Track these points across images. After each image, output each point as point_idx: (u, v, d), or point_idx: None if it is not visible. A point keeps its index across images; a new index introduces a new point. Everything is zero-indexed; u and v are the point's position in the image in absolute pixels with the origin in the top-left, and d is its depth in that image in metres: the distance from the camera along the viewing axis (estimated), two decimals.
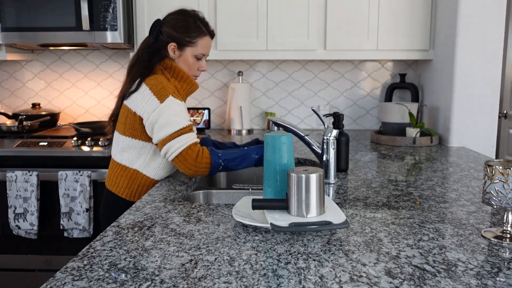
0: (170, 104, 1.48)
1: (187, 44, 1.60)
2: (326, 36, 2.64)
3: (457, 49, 2.33)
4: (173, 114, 1.47)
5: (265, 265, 0.87)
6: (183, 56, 1.61)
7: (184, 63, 1.62)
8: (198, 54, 1.62)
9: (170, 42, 1.59)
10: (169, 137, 1.47)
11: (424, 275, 0.83)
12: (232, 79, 3.05)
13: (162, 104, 1.47)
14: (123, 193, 1.60)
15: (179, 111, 1.50)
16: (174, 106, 1.49)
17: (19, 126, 2.66)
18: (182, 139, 1.47)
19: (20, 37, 2.57)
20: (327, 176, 1.58)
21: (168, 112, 1.47)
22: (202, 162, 1.47)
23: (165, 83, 1.52)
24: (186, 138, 1.48)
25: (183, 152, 1.46)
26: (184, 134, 1.48)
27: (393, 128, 2.55)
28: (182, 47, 1.60)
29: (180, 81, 1.61)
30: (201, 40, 1.61)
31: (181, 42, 1.59)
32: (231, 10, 2.64)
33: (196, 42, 1.61)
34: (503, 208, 1.00)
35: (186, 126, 1.49)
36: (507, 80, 3.56)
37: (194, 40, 1.60)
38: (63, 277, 0.83)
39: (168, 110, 1.47)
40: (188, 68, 1.63)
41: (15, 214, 2.35)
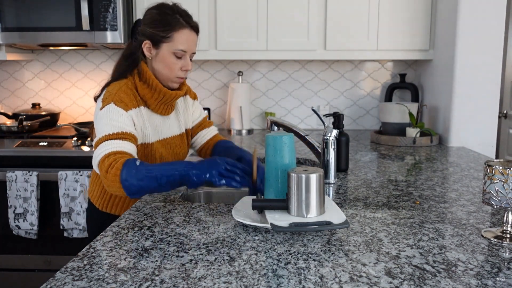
0: (107, 111, 1.31)
1: (162, 39, 1.37)
2: (326, 36, 2.64)
3: (457, 49, 2.33)
4: (105, 122, 1.29)
5: (265, 265, 0.87)
6: (160, 54, 1.39)
7: (162, 63, 1.39)
8: (176, 50, 1.37)
9: (144, 40, 1.39)
10: (96, 143, 1.29)
11: (424, 275, 0.83)
12: (232, 79, 3.05)
13: (101, 111, 1.32)
14: (96, 202, 1.50)
15: (114, 119, 1.30)
16: (111, 114, 1.30)
17: (19, 126, 2.66)
18: (105, 145, 1.26)
19: (20, 37, 2.57)
20: (327, 176, 1.58)
21: (103, 119, 1.30)
22: (111, 174, 1.19)
23: (118, 89, 1.35)
24: (110, 144, 1.25)
25: (100, 161, 1.24)
26: (110, 140, 1.26)
27: (393, 128, 2.55)
28: (157, 44, 1.38)
29: (151, 89, 1.41)
30: (178, 33, 1.37)
31: (155, 39, 1.37)
32: (231, 10, 2.64)
33: (172, 37, 1.37)
34: (503, 208, 1.00)
35: (115, 133, 1.27)
36: (507, 80, 3.56)
37: (169, 34, 1.36)
38: (63, 277, 0.83)
39: (104, 117, 1.30)
40: (168, 69, 1.40)
41: (15, 214, 2.35)
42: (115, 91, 1.35)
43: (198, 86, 3.07)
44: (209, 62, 3.04)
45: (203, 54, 2.67)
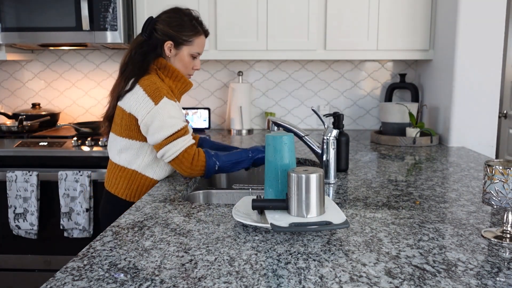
0: (164, 106, 1.47)
1: (184, 42, 1.58)
2: (326, 36, 2.64)
3: (457, 49, 2.33)
4: (167, 116, 1.46)
5: (265, 265, 0.87)
6: (180, 55, 1.59)
7: (180, 62, 1.60)
8: (194, 53, 1.61)
9: (167, 41, 1.57)
10: (165, 140, 1.47)
11: (424, 275, 0.83)
12: (232, 79, 3.05)
13: (156, 106, 1.46)
14: (122, 193, 1.59)
15: (174, 112, 1.49)
16: (169, 108, 1.48)
17: (19, 126, 2.66)
18: (179, 142, 1.47)
19: (20, 37, 2.57)
20: (327, 176, 1.58)
21: (163, 114, 1.46)
22: (197, 165, 1.49)
23: (159, 83, 1.50)
24: (182, 141, 1.48)
25: (179, 156, 1.47)
26: (180, 137, 1.48)
27: (393, 128, 2.55)
28: (179, 45, 1.58)
29: (175, 80, 1.60)
30: (198, 39, 1.60)
31: (177, 41, 1.57)
32: (231, 10, 2.64)
33: (193, 41, 1.59)
34: (503, 208, 1.00)
35: (181, 128, 1.49)
36: (507, 80, 3.56)
37: (191, 39, 1.59)
38: (63, 277, 0.83)
39: (162, 112, 1.46)
40: (184, 67, 1.61)
41: (15, 214, 2.35)
42: (158, 85, 1.50)
43: (198, 86, 3.07)
44: (209, 62, 3.04)
45: (203, 54, 2.66)
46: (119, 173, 1.59)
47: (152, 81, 1.50)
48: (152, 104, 1.46)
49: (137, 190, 1.58)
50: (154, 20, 1.59)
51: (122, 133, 1.55)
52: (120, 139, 1.56)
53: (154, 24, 1.58)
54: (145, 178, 1.57)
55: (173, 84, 1.60)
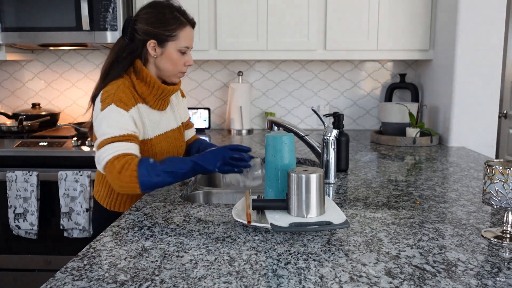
0: (108, 113, 1.32)
1: (168, 38, 1.42)
2: (326, 36, 2.64)
3: (457, 49, 2.33)
4: (108, 124, 1.32)
5: (265, 265, 0.87)
6: (166, 53, 1.43)
7: (168, 61, 1.44)
8: (181, 48, 1.44)
9: (149, 40, 1.41)
10: (99, 144, 1.31)
11: (424, 275, 0.83)
12: (232, 79, 3.05)
13: (101, 112, 1.33)
14: (103, 202, 1.52)
15: (116, 121, 1.32)
16: (113, 115, 1.32)
17: (19, 126, 2.66)
18: (112, 147, 1.29)
19: (20, 37, 2.57)
20: (327, 176, 1.58)
21: (105, 120, 1.32)
22: (125, 175, 1.25)
23: (116, 89, 1.36)
24: (116, 146, 1.29)
25: (108, 162, 1.28)
26: (116, 143, 1.29)
27: (393, 128, 2.55)
28: (163, 43, 1.42)
29: (149, 86, 1.44)
30: (182, 31, 1.43)
31: (160, 38, 1.41)
32: (231, 10, 2.64)
33: (177, 35, 1.42)
34: (503, 208, 1.00)
35: (119, 135, 1.31)
36: (507, 80, 3.56)
37: (175, 33, 1.42)
38: (63, 277, 0.83)
39: (105, 119, 1.32)
40: (173, 65, 1.45)
41: (15, 214, 2.35)
42: (114, 91, 1.36)
43: (198, 86, 3.07)
44: (209, 62, 3.04)
45: (203, 54, 2.66)
46: (101, 180, 1.53)
47: (112, 86, 1.38)
48: (99, 110, 1.35)
49: (117, 199, 1.50)
50: (133, 20, 1.43)
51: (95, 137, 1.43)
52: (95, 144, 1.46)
53: (133, 24, 1.42)
54: None
55: (147, 90, 1.44)
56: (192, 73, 3.05)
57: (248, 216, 1.07)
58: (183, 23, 1.44)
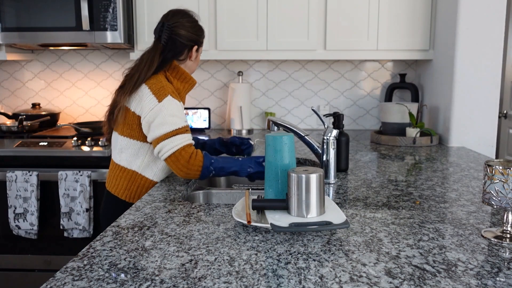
0: (168, 104, 1.48)
1: (201, 44, 1.70)
2: (326, 36, 2.64)
3: (457, 49, 2.33)
4: (170, 114, 1.47)
5: (265, 265, 0.87)
6: (198, 56, 1.70)
7: (195, 63, 1.70)
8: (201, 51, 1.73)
9: (193, 45, 1.65)
10: (164, 136, 1.46)
11: (424, 275, 0.83)
12: (232, 79, 3.05)
13: (160, 104, 1.47)
14: (122, 194, 1.59)
15: (176, 111, 1.50)
16: (172, 106, 1.49)
17: (19, 126, 2.66)
18: (177, 139, 1.47)
19: (20, 37, 2.57)
20: (327, 176, 1.58)
21: (166, 111, 1.47)
22: (194, 164, 1.46)
23: (164, 83, 1.53)
24: (181, 138, 1.47)
25: (176, 153, 1.46)
26: (180, 135, 1.47)
27: (393, 128, 2.55)
28: (199, 48, 1.69)
29: (183, 81, 1.64)
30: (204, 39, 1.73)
31: (199, 44, 1.68)
32: (231, 10, 2.64)
33: (203, 42, 1.73)
34: (503, 208, 1.00)
35: (182, 127, 1.49)
36: (507, 80, 3.56)
37: (203, 39, 1.72)
38: (63, 277, 0.83)
39: (165, 110, 1.47)
40: (196, 66, 1.72)
41: (15, 214, 2.35)
42: (163, 84, 1.53)
43: (198, 86, 3.07)
44: (209, 62, 3.04)
45: (203, 54, 2.66)
46: (119, 174, 1.59)
47: (158, 80, 1.53)
48: (156, 102, 1.48)
49: (137, 191, 1.59)
50: (170, 25, 1.59)
51: (124, 132, 1.56)
52: (121, 138, 1.57)
53: (172, 29, 1.59)
54: (145, 180, 1.58)
55: (181, 86, 1.64)
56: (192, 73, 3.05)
57: (248, 216, 1.07)
58: None
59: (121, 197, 1.59)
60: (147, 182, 1.58)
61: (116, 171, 1.60)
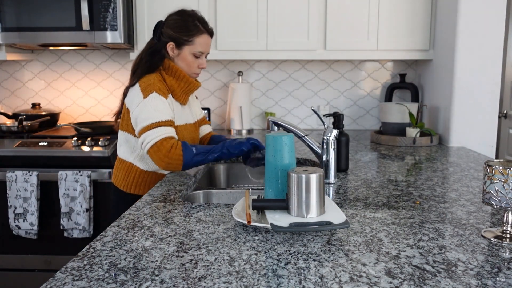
0: (152, 100, 1.54)
1: (185, 43, 1.65)
2: (326, 36, 2.64)
3: (457, 49, 2.33)
4: (153, 109, 1.53)
5: (265, 265, 0.87)
6: (181, 54, 1.66)
7: (182, 62, 1.67)
8: (196, 52, 1.66)
9: (169, 42, 1.65)
10: (146, 127, 1.52)
11: (424, 275, 0.83)
12: (232, 79, 3.05)
13: (145, 99, 1.54)
14: (121, 184, 1.70)
15: (161, 107, 1.55)
16: (156, 102, 1.54)
17: (19, 126, 2.66)
18: (159, 130, 1.51)
19: (20, 37, 2.57)
20: (327, 176, 1.58)
21: (149, 107, 1.53)
22: (175, 154, 1.50)
23: (154, 80, 1.58)
24: (163, 130, 1.52)
25: (157, 143, 1.50)
26: (162, 127, 1.52)
27: (393, 128, 2.55)
28: (180, 46, 1.65)
29: (178, 80, 1.66)
30: (199, 38, 1.65)
31: (179, 41, 1.64)
32: (231, 10, 2.64)
33: (194, 41, 1.65)
34: (503, 208, 1.00)
35: (166, 120, 1.54)
36: (507, 80, 3.56)
37: (191, 38, 1.64)
38: (63, 277, 0.83)
39: (149, 105, 1.53)
40: (188, 66, 1.68)
41: (15, 214, 2.35)
42: (152, 81, 1.57)
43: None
44: (209, 62, 3.04)
45: None
46: (119, 165, 1.71)
47: (149, 78, 1.59)
48: (142, 97, 1.55)
49: (133, 182, 1.68)
50: (162, 24, 1.67)
51: (123, 126, 1.67)
52: (120, 132, 1.69)
53: (162, 27, 1.66)
54: (140, 170, 1.67)
55: (176, 84, 1.66)
56: None
57: (248, 216, 1.07)
58: (201, 31, 1.65)
59: (120, 187, 1.69)
60: (142, 173, 1.67)
61: (118, 163, 1.73)
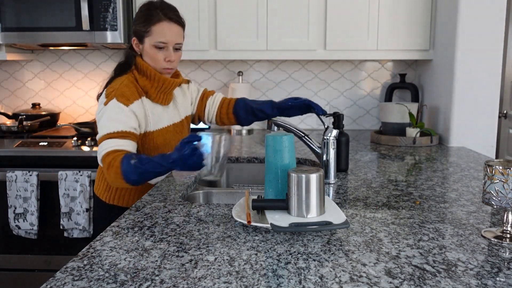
0: (110, 108, 1.39)
1: (144, 34, 1.47)
2: (326, 36, 2.63)
3: (457, 49, 2.33)
4: (107, 119, 1.38)
5: (265, 265, 0.87)
6: (144, 48, 1.49)
7: (147, 56, 1.49)
8: (156, 43, 1.46)
9: (133, 37, 1.51)
10: (99, 140, 1.38)
11: (424, 275, 0.83)
12: (232, 79, 3.05)
13: (104, 107, 1.41)
14: (103, 195, 1.57)
15: (116, 115, 1.38)
16: (114, 110, 1.39)
17: (19, 126, 2.66)
18: (106, 143, 1.35)
19: (20, 37, 2.57)
20: (327, 176, 1.58)
21: (106, 115, 1.39)
22: (111, 171, 1.31)
23: (120, 84, 1.44)
24: (109, 143, 1.35)
25: (103, 157, 1.35)
26: (110, 139, 1.35)
27: (393, 128, 2.55)
28: (141, 39, 1.48)
29: (150, 79, 1.50)
30: (155, 27, 1.45)
31: (139, 35, 1.48)
32: (231, 10, 2.64)
33: (151, 31, 1.45)
34: (503, 208, 1.00)
35: (116, 131, 1.36)
36: (507, 80, 3.56)
37: (148, 28, 1.45)
38: (63, 277, 0.83)
39: (106, 113, 1.39)
40: (153, 61, 1.49)
41: (15, 214, 2.35)
42: (117, 86, 1.44)
43: (198, 86, 3.06)
44: (209, 62, 3.04)
45: (203, 54, 2.66)
46: (100, 174, 1.60)
47: (117, 82, 1.46)
48: (103, 104, 1.42)
49: (116, 193, 1.55)
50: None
51: None
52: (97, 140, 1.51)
53: None
54: None
55: (149, 84, 1.50)
56: (192, 73, 3.05)
57: (248, 216, 1.07)
58: (158, 19, 1.44)
59: (102, 198, 1.57)
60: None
61: (98, 171, 1.60)
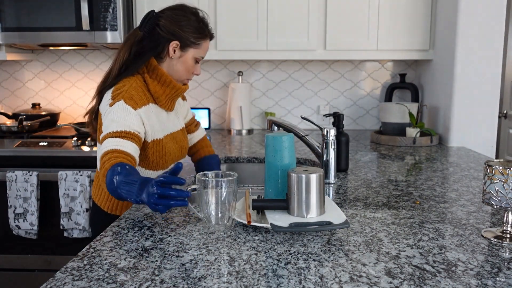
0: (116, 108, 1.32)
1: (191, 45, 1.43)
2: (326, 36, 2.64)
3: (457, 49, 2.33)
4: (112, 119, 1.31)
5: (265, 265, 0.87)
6: (184, 57, 1.44)
7: (182, 65, 1.45)
8: (199, 57, 1.46)
9: (173, 40, 1.41)
10: (102, 138, 1.30)
11: (424, 275, 0.83)
12: (232, 79, 3.05)
13: (110, 107, 1.33)
14: (104, 205, 1.49)
15: (121, 116, 1.31)
16: (119, 111, 1.31)
17: (19, 126, 2.66)
18: (109, 141, 1.27)
19: (20, 37, 2.57)
20: (327, 176, 1.58)
21: (110, 115, 1.31)
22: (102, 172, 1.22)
23: (128, 87, 1.37)
24: (111, 142, 1.26)
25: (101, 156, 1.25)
26: (112, 138, 1.27)
27: (393, 128, 2.55)
28: (185, 47, 1.43)
29: (163, 85, 1.44)
30: (205, 42, 1.46)
31: (185, 42, 1.42)
32: (231, 10, 2.64)
33: (201, 44, 1.45)
34: (503, 208, 1.00)
35: (119, 131, 1.28)
36: (507, 80, 3.56)
37: (199, 41, 1.44)
38: (63, 277, 0.83)
39: (111, 114, 1.32)
40: (186, 71, 1.46)
41: (15, 214, 2.35)
42: (126, 88, 1.36)
43: (198, 86, 3.07)
44: (209, 62, 3.04)
45: None
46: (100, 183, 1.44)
47: (125, 84, 1.38)
48: (108, 106, 1.34)
49: (119, 203, 1.47)
50: (156, 15, 1.42)
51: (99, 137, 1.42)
52: (98, 145, 1.42)
53: (156, 19, 1.41)
54: None
55: (161, 89, 1.45)
56: None
57: (248, 216, 1.07)
58: (207, 35, 1.47)
59: (104, 208, 1.48)
60: None
61: (97, 180, 1.48)
